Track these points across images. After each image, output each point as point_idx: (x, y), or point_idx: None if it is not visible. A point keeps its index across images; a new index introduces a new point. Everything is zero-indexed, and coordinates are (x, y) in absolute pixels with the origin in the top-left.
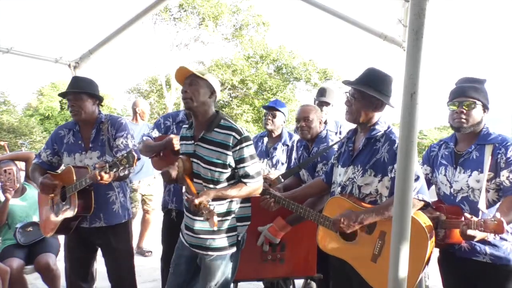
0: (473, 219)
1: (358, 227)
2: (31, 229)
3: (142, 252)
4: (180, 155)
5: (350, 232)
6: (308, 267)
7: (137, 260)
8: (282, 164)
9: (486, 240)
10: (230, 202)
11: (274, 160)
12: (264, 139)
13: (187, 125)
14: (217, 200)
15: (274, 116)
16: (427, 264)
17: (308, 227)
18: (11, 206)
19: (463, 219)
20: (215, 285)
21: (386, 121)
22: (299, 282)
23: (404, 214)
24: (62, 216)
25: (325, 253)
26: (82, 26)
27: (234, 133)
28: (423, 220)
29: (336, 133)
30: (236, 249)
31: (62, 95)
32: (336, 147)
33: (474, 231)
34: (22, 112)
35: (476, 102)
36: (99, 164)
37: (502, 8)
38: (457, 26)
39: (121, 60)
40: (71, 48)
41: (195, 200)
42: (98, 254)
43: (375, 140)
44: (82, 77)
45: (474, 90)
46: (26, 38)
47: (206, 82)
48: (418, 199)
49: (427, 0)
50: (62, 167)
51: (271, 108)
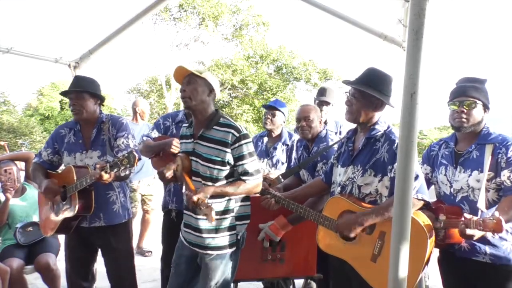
0: (472, 218)
1: (360, 229)
2: (31, 229)
3: (142, 252)
4: (179, 153)
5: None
6: (308, 267)
7: (137, 260)
8: (282, 163)
9: (486, 240)
10: (228, 200)
11: (274, 160)
12: (264, 138)
13: (187, 124)
14: (216, 198)
15: (273, 116)
16: (427, 264)
17: (308, 227)
18: (11, 206)
19: (463, 219)
20: (215, 285)
21: (386, 121)
22: (299, 282)
23: (404, 214)
24: (62, 216)
25: (325, 253)
26: (82, 26)
27: (233, 131)
28: (422, 219)
29: (336, 133)
30: (235, 248)
31: (64, 93)
32: (336, 147)
33: (473, 230)
34: (22, 112)
35: (477, 102)
36: (100, 164)
37: (502, 8)
38: (457, 26)
39: (121, 60)
40: (71, 48)
41: (193, 196)
42: (98, 254)
43: (375, 140)
44: (85, 77)
45: (475, 90)
46: (26, 38)
47: (204, 81)
48: (417, 199)
49: (427, 0)
50: (62, 166)
51: (270, 108)
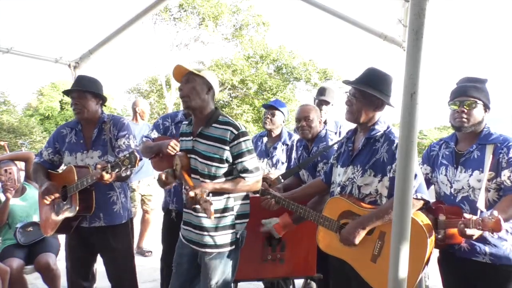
0: (472, 218)
1: (364, 234)
2: (31, 229)
3: (142, 252)
4: (177, 153)
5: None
6: (308, 267)
7: (137, 260)
8: (282, 163)
9: (486, 240)
10: (227, 198)
11: (274, 160)
12: (264, 138)
13: (187, 122)
14: (215, 196)
15: (273, 115)
16: (426, 264)
17: (308, 227)
18: (11, 206)
19: (462, 219)
20: (216, 284)
21: (386, 121)
22: (299, 282)
23: (404, 214)
24: (62, 216)
25: (325, 253)
26: (82, 26)
27: (231, 128)
28: (421, 219)
29: (335, 133)
30: (235, 247)
31: (66, 92)
32: (336, 147)
33: (473, 230)
34: (22, 112)
35: (477, 102)
36: (101, 164)
37: (502, 8)
38: (457, 26)
39: (121, 60)
40: (71, 48)
41: (189, 192)
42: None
43: (375, 140)
44: (88, 76)
45: (475, 90)
46: (26, 38)
47: (203, 79)
48: (417, 199)
49: (427, 0)
50: (63, 166)
51: (270, 107)
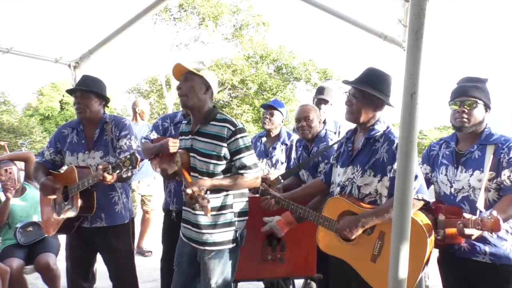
0: (471, 218)
1: (361, 231)
2: (31, 229)
3: (142, 252)
4: (179, 150)
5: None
6: (308, 267)
7: (137, 260)
8: (281, 163)
9: (485, 240)
10: (226, 196)
11: (273, 160)
12: (263, 139)
13: (185, 121)
14: (213, 193)
15: (272, 115)
16: (426, 264)
17: (308, 227)
18: (11, 206)
19: (461, 219)
20: (215, 283)
21: (385, 121)
22: (299, 282)
23: (404, 214)
24: (63, 216)
25: (325, 253)
26: (82, 26)
27: (228, 125)
28: (421, 219)
29: (335, 132)
30: (235, 245)
31: (70, 91)
32: (336, 147)
33: (471, 230)
34: (22, 112)
35: (478, 102)
36: (102, 165)
37: (502, 8)
38: (457, 26)
39: (121, 60)
40: (71, 48)
41: (187, 189)
42: (98, 253)
43: (374, 140)
44: (92, 76)
45: (476, 90)
46: (26, 38)
47: (202, 78)
48: (417, 199)
49: (427, 0)
50: (65, 166)
51: (269, 107)
